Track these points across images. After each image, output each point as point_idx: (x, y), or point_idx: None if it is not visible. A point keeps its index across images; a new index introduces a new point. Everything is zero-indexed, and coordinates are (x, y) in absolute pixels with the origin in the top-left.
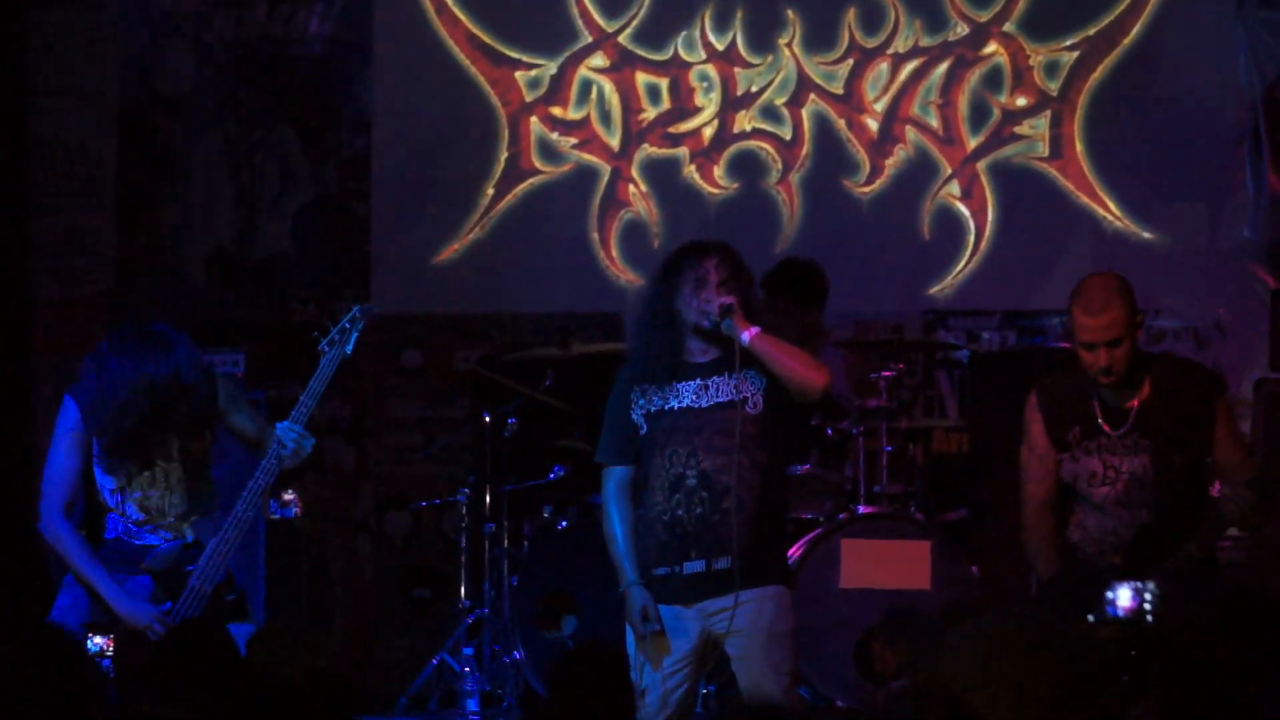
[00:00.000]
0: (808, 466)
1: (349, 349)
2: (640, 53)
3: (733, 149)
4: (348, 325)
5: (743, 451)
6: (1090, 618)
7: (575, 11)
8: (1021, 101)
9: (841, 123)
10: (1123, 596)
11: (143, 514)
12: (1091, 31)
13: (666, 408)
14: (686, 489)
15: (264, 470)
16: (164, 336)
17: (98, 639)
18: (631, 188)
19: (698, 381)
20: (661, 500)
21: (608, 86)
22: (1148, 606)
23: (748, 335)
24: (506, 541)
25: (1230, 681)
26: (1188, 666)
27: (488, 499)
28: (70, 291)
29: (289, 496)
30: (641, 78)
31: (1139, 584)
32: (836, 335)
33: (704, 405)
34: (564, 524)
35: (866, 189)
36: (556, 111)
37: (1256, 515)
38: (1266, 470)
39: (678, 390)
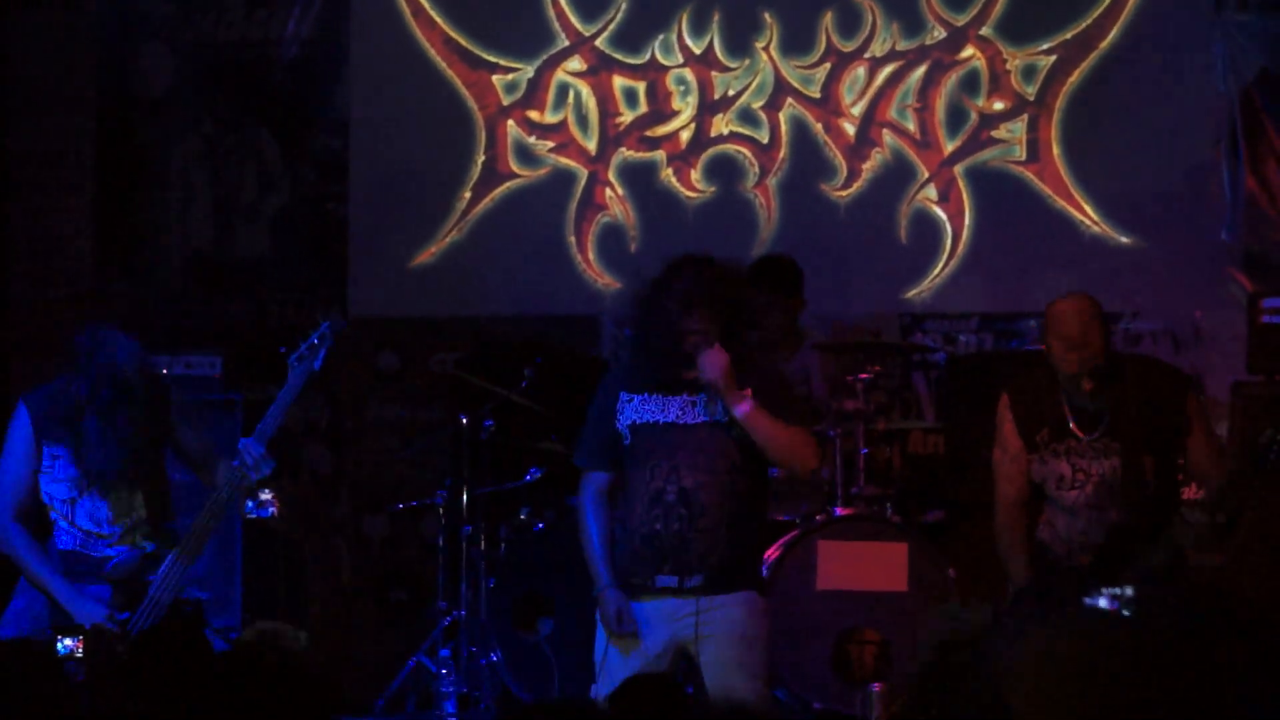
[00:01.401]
0: None
1: (317, 364)
2: (617, 56)
3: (710, 152)
4: (316, 341)
5: (725, 473)
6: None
7: (552, 15)
8: (999, 105)
9: (819, 126)
10: (1101, 603)
11: (94, 525)
12: (1069, 35)
13: (652, 421)
14: (665, 504)
15: (226, 483)
16: (103, 336)
17: (67, 640)
18: (609, 191)
19: (685, 396)
20: (641, 512)
21: (585, 90)
22: (1125, 612)
23: (739, 411)
24: (483, 543)
25: (1207, 684)
26: (1163, 669)
27: (465, 501)
28: (47, 293)
29: (266, 496)
30: (619, 81)
31: (1116, 590)
32: (814, 338)
33: (689, 422)
34: (540, 526)
35: (844, 193)
36: (533, 115)
37: (1225, 528)
38: (1233, 481)
39: (664, 404)
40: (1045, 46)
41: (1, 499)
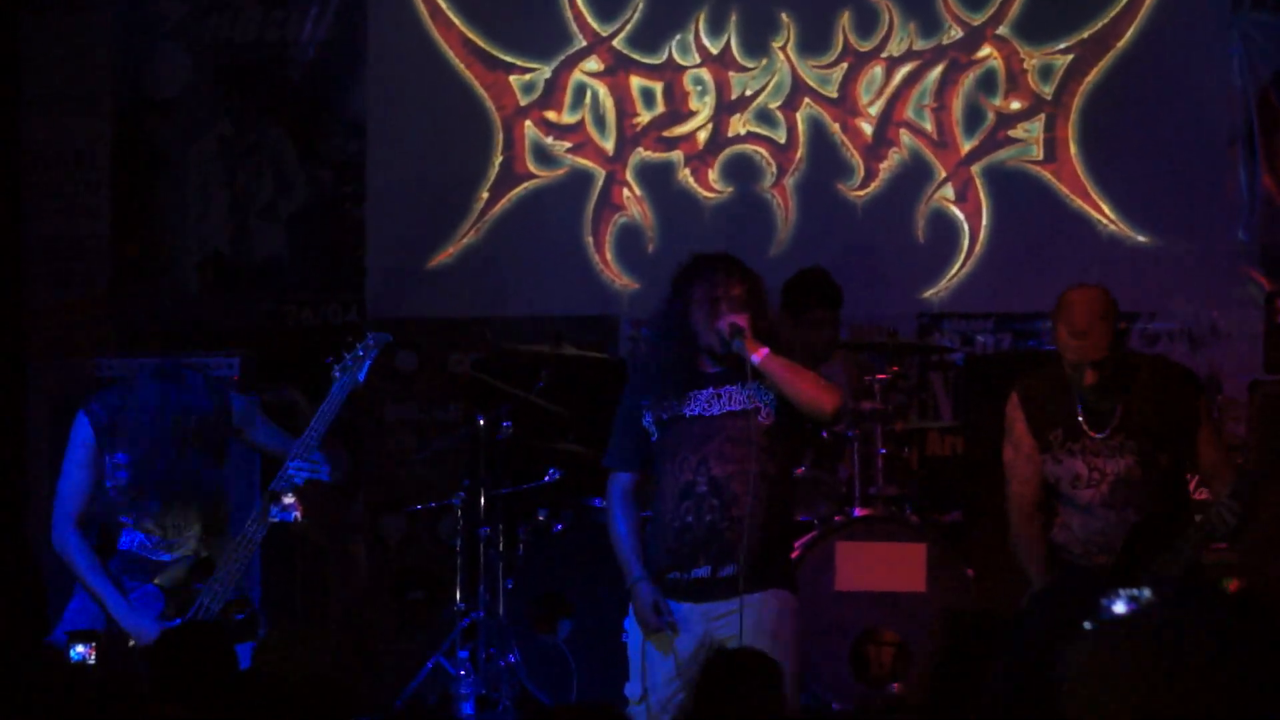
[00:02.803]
0: (803, 469)
1: (361, 377)
2: (635, 56)
3: (727, 153)
4: (361, 353)
5: (754, 460)
6: (1086, 625)
7: (569, 15)
8: (1016, 105)
9: (836, 126)
10: (1119, 606)
11: (154, 533)
12: (1085, 34)
13: (678, 415)
14: (696, 496)
15: (271, 496)
16: (184, 375)
17: (80, 647)
18: (626, 191)
19: (710, 390)
20: (671, 507)
21: (602, 90)
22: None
23: (757, 357)
24: (501, 544)
25: (1226, 687)
26: (1181, 672)
27: (482, 502)
28: (65, 295)
29: (289, 500)
30: (636, 81)
31: (1134, 591)
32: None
33: (716, 413)
34: (559, 527)
35: (861, 192)
36: (551, 115)
37: (1240, 525)
38: (1249, 476)
39: (690, 398)
40: (1062, 46)
41: (62, 507)
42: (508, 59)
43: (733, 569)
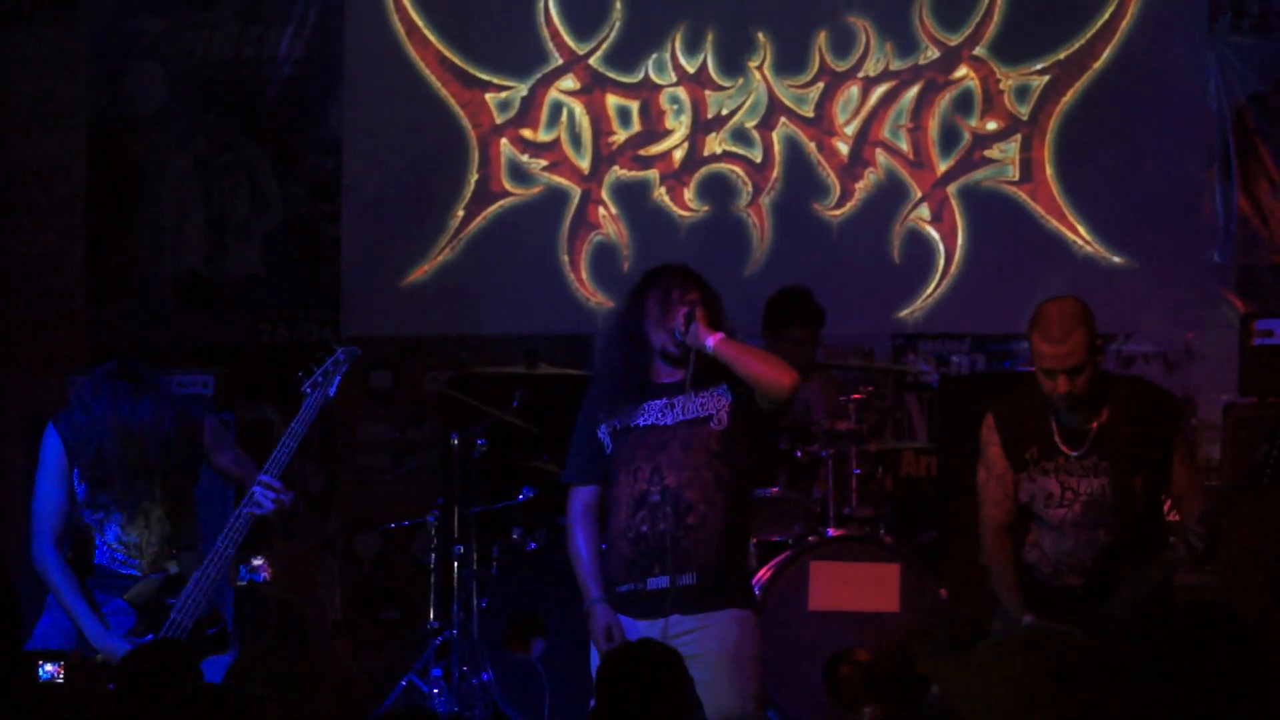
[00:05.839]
0: (777, 489)
1: (331, 391)
2: (611, 75)
3: (703, 171)
4: (331, 368)
5: (707, 467)
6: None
7: (546, 33)
8: (992, 125)
9: (812, 146)
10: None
11: (123, 547)
12: (1062, 55)
13: (632, 425)
14: (650, 505)
15: (243, 514)
16: (141, 377)
17: (49, 666)
18: (602, 210)
19: (664, 400)
20: (626, 517)
21: (578, 109)
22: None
23: (711, 341)
24: (475, 563)
25: (1202, 703)
26: (1158, 688)
27: (456, 520)
28: (40, 312)
29: (258, 562)
30: (612, 100)
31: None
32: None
33: (669, 422)
34: (533, 545)
35: (837, 212)
36: (527, 133)
37: (1208, 552)
38: (1220, 500)
39: (644, 409)
40: (1039, 67)
41: (40, 525)
42: (484, 77)
43: (691, 578)
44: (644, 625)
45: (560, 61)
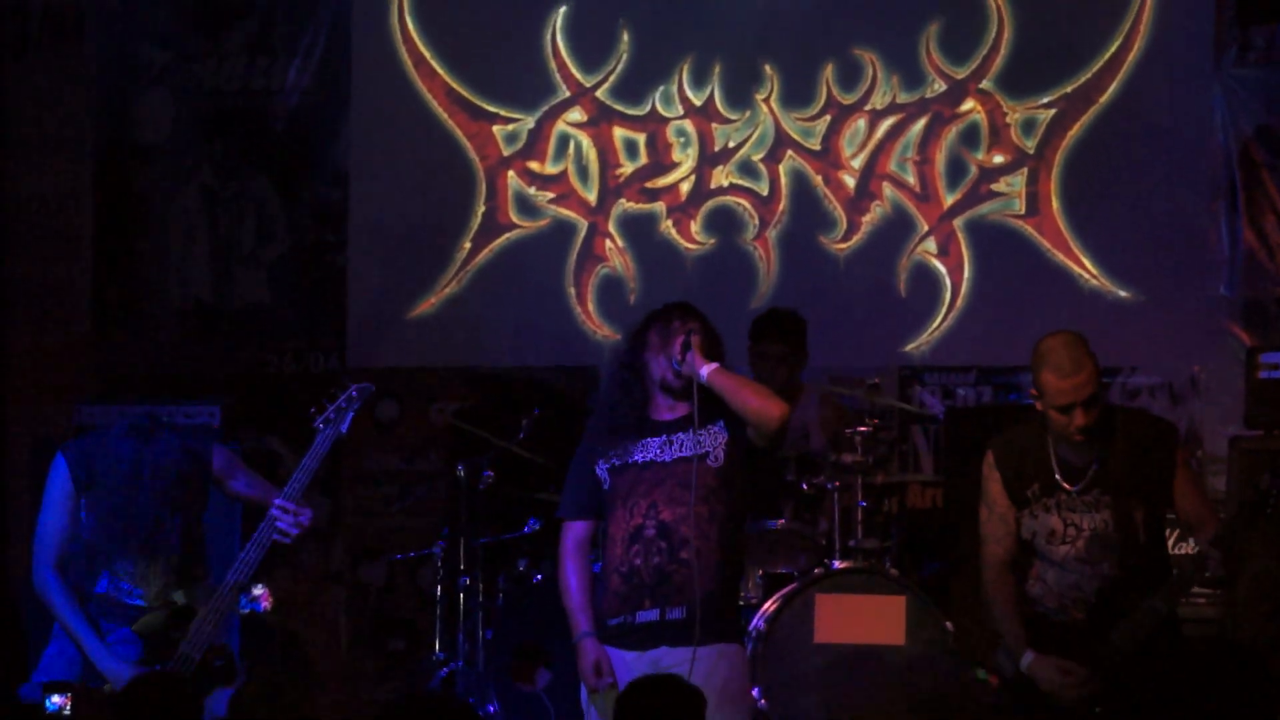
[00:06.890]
0: (782, 521)
1: (344, 428)
2: (618, 108)
3: (710, 204)
4: (344, 404)
5: (702, 503)
6: None
7: (553, 66)
8: (998, 159)
9: (819, 179)
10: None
11: (129, 577)
12: (1069, 89)
13: (630, 461)
14: (644, 539)
15: (256, 543)
16: (159, 434)
17: (56, 698)
18: (608, 243)
19: (663, 437)
20: (620, 551)
21: (585, 141)
22: None
23: (706, 370)
24: (481, 594)
25: None
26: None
27: (462, 551)
28: (45, 340)
29: (258, 591)
30: (619, 133)
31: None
32: (816, 391)
33: (667, 459)
34: (539, 577)
35: (843, 245)
36: (534, 166)
37: (1223, 571)
38: (1231, 525)
39: (643, 445)
40: (1045, 100)
41: (42, 550)
42: (491, 109)
43: (681, 612)
44: (632, 658)
45: (567, 94)
